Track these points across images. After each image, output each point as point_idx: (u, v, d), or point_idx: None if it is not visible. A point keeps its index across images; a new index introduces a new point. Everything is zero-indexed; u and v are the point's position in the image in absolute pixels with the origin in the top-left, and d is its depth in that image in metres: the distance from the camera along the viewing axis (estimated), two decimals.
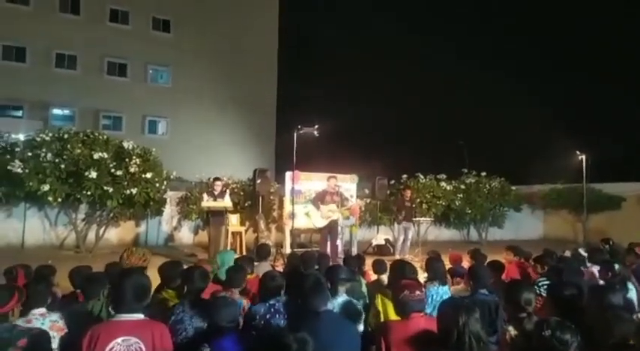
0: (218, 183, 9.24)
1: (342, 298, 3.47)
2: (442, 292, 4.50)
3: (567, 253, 6.60)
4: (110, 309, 2.89)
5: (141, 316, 2.54)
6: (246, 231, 11.05)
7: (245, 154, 23.49)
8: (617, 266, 4.85)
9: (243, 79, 24.84)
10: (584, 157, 13.72)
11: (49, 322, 2.90)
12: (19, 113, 21.58)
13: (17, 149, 9.39)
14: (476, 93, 27.17)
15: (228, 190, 9.73)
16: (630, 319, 3.40)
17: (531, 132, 23.47)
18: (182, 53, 23.95)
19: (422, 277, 4.92)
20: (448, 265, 6.08)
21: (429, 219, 12.49)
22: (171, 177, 11.01)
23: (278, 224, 11.95)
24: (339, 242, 9.46)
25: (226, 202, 8.92)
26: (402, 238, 10.64)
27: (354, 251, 10.09)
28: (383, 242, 11.45)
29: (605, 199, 14.68)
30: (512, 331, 2.93)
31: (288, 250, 9.64)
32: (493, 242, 13.63)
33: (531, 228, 16.68)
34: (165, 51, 23.82)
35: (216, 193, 8.95)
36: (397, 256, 9.93)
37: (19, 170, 8.78)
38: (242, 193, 11.78)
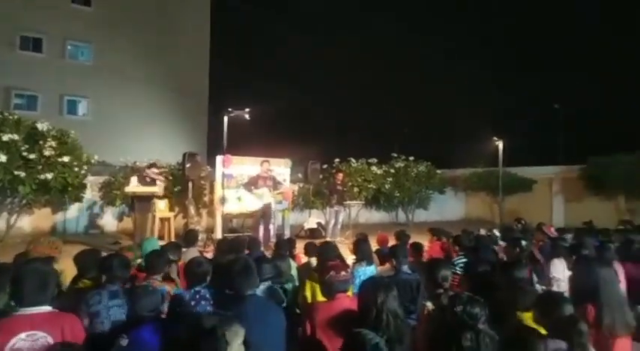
0: (155, 170, 8.82)
1: (263, 285, 3.48)
2: (369, 272, 4.67)
3: (483, 232, 7.07)
4: (12, 302, 2.69)
5: (48, 308, 2.37)
6: (175, 217, 10.71)
7: (175, 137, 22.59)
8: (524, 243, 5.28)
9: (173, 58, 23.69)
10: (500, 142, 14.91)
11: None
12: None
13: None
14: (406, 79, 28.04)
15: (162, 177, 9.32)
16: (533, 291, 3.73)
17: (456, 118, 24.72)
18: (105, 29, 22.30)
19: (351, 258, 5.07)
20: (376, 247, 6.31)
21: (360, 202, 12.81)
22: (93, 161, 10.35)
23: (209, 209, 11.70)
24: (271, 226, 9.44)
25: (154, 187, 8.54)
26: (333, 221, 10.83)
27: (287, 235, 10.14)
28: (315, 226, 11.61)
29: (518, 181, 15.87)
30: (429, 306, 3.10)
31: (219, 235, 9.48)
32: (419, 223, 14.29)
33: (454, 209, 17.70)
34: (86, 26, 22.06)
35: (148, 179, 8.54)
36: (328, 239, 10.11)
37: None
38: (171, 178, 11.36)
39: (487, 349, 2.32)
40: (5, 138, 8.44)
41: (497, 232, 7.14)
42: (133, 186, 8.46)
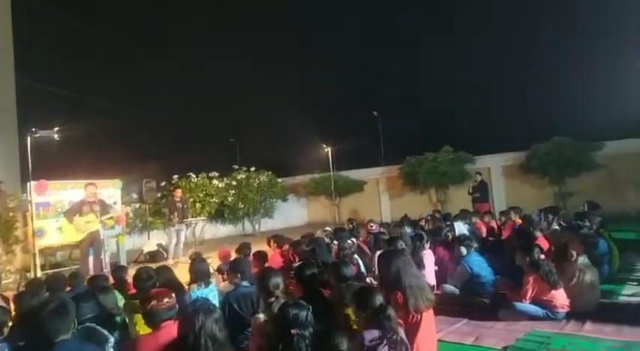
0: None
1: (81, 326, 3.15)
2: (206, 291, 4.58)
3: (319, 234, 7.54)
4: None
5: None
6: None
7: None
8: (349, 242, 5.82)
9: None
10: (329, 149, 16.44)
11: None
12: None
13: None
14: (243, 92, 28.30)
15: None
16: (357, 286, 4.10)
17: (291, 129, 25.84)
18: None
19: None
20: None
21: (203, 218, 12.50)
22: None
23: (23, 245, 10.08)
24: (103, 255, 8.59)
25: None
26: (174, 241, 10.33)
27: (123, 262, 9.34)
28: (155, 248, 10.93)
29: (350, 184, 17.35)
30: (261, 317, 3.17)
31: (39, 273, 8.25)
32: (266, 232, 14.52)
33: (298, 215, 18.48)
34: None
35: None
36: (171, 261, 9.62)
37: None
38: None
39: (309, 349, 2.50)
40: None
41: (331, 231, 7.67)
42: None
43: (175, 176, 13.47)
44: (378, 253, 4.67)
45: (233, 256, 6.46)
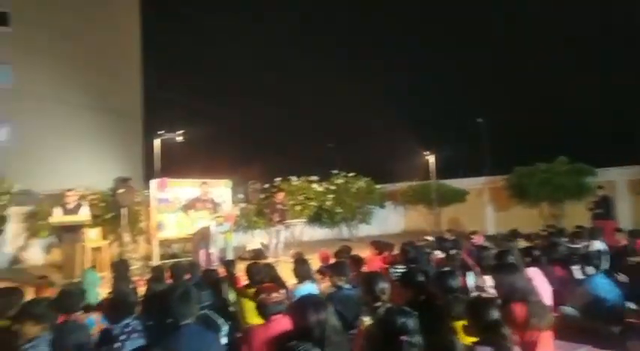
0: (69, 194, 8.26)
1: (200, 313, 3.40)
2: (309, 290, 4.68)
3: (420, 243, 7.34)
4: None
5: None
6: (110, 245, 10.16)
7: (107, 162, 21.49)
8: (454, 252, 5.55)
9: (101, 81, 22.69)
10: (432, 156, 15.88)
11: None
12: None
13: None
14: (343, 98, 28.79)
15: (85, 203, 8.81)
16: (466, 299, 3.91)
17: (390, 135, 25.63)
18: (26, 50, 21.01)
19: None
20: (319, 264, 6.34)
21: (302, 220, 12.85)
22: (14, 190, 9.64)
23: (146, 236, 11.22)
24: (213, 250, 9.22)
25: (82, 216, 8.06)
26: (275, 241, 10.77)
27: (230, 257, 9.94)
28: (258, 246, 11.48)
29: (452, 193, 16.64)
30: (366, 320, 3.15)
31: (157, 262, 9.11)
32: (363, 238, 14.54)
33: (395, 223, 18.21)
34: (4, 46, 20.71)
35: (69, 206, 8.01)
36: (271, 259, 10.02)
37: None
38: (103, 205, 10.80)
39: None
40: None
41: (433, 242, 7.44)
42: (58, 216, 7.93)
43: (277, 179, 14.02)
44: (494, 264, 4.40)
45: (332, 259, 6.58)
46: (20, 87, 21.14)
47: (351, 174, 15.48)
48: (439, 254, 6.27)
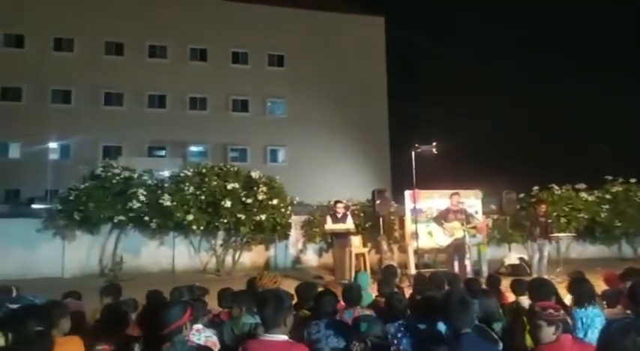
0: (339, 205, 9.38)
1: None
2: (593, 314, 4.00)
3: None
4: (255, 328, 3.10)
5: (285, 337, 2.64)
6: (369, 252, 11.04)
7: (361, 175, 23.79)
8: None
9: (353, 101, 25.56)
10: None
11: (204, 337, 3.18)
12: (162, 153, 24.78)
13: (165, 185, 10.67)
14: (611, 92, 24.21)
15: (349, 213, 9.86)
16: None
17: None
18: (295, 84, 25.51)
19: (567, 299, 4.43)
20: (602, 287, 5.39)
21: (569, 234, 11.29)
22: (294, 202, 11.55)
23: (400, 245, 11.76)
24: (467, 262, 8.96)
25: (349, 224, 9.04)
26: (537, 256, 9.70)
27: (485, 271, 9.48)
28: (517, 261, 10.57)
29: None
30: None
31: (412, 270, 9.41)
32: None
33: None
34: (280, 84, 25.59)
35: (338, 215, 9.12)
36: (535, 276, 9.06)
37: (169, 203, 9.96)
38: (362, 215, 11.87)
39: None
40: (229, 187, 10.13)
41: None
42: (330, 224, 9.10)
43: (536, 188, 12.72)
44: None
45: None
46: (293, 116, 25.72)
47: (632, 180, 12.80)
48: None
